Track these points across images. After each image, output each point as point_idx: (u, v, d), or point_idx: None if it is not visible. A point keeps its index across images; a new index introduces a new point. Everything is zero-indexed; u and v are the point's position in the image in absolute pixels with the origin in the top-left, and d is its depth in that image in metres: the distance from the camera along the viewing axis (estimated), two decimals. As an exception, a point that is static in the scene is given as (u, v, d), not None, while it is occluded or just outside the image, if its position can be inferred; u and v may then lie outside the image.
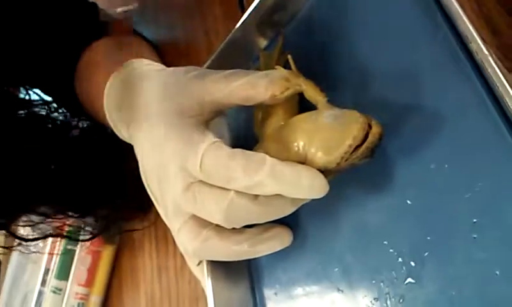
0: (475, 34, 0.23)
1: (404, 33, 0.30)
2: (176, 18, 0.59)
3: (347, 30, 0.34)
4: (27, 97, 0.50)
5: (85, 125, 0.54)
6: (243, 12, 0.42)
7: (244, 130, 0.41)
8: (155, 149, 0.31)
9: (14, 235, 0.46)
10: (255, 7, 0.37)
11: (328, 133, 0.26)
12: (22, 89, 0.51)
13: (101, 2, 0.55)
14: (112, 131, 0.40)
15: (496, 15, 0.28)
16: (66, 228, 0.52)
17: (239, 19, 0.39)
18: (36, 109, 0.49)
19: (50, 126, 0.50)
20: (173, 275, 0.48)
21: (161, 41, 0.60)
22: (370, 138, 0.25)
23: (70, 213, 0.50)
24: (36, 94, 0.52)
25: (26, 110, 0.48)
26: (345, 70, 0.33)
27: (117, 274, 0.57)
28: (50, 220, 0.48)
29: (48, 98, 0.52)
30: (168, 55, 0.57)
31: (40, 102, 0.50)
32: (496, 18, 0.27)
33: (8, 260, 0.66)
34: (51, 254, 0.49)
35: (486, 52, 0.23)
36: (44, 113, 0.50)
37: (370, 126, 0.25)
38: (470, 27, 0.23)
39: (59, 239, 0.51)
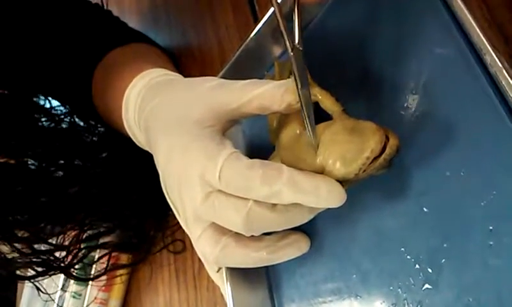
0: (488, 46, 0.24)
1: (417, 41, 0.30)
2: (190, 26, 0.60)
3: (361, 39, 0.34)
4: (47, 105, 0.51)
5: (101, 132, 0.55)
6: (256, 21, 0.43)
7: (259, 139, 0.41)
8: (175, 158, 0.31)
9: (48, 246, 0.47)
10: (269, 16, 0.38)
11: (346, 145, 0.26)
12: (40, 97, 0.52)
13: None
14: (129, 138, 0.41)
15: (507, 23, 0.28)
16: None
17: (252, 27, 0.39)
18: (58, 118, 0.50)
19: (76, 137, 0.51)
20: (191, 281, 0.49)
21: (174, 49, 0.61)
22: (388, 150, 0.25)
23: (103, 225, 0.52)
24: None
25: (49, 118, 0.49)
26: (359, 78, 0.34)
27: (135, 279, 0.58)
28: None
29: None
30: (181, 63, 0.58)
31: (61, 110, 0.51)
32: (508, 27, 0.28)
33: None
34: (73, 260, 0.51)
35: (500, 64, 0.23)
36: (68, 121, 0.51)
37: (387, 138, 0.25)
38: (484, 39, 0.24)
39: (78, 246, 0.52)
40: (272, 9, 0.37)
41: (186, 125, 0.31)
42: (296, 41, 0.28)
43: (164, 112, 0.34)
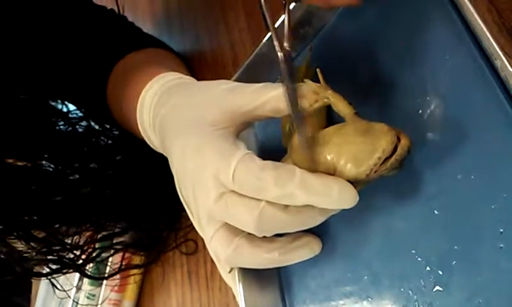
0: (499, 50, 0.24)
1: (428, 46, 0.31)
2: (203, 31, 0.61)
3: (372, 44, 0.35)
4: (64, 109, 0.52)
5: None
6: (267, 27, 0.43)
7: (272, 141, 0.42)
8: (189, 159, 0.32)
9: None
10: (281, 22, 0.38)
11: (358, 146, 0.26)
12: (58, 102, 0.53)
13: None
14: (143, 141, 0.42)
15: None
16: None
17: (265, 32, 0.40)
18: (75, 122, 0.51)
19: (92, 140, 0.52)
20: (204, 282, 0.49)
21: (187, 54, 0.62)
22: (399, 150, 0.26)
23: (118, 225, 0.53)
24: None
25: (65, 122, 0.50)
26: (370, 82, 0.34)
27: (148, 280, 0.59)
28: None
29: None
30: (194, 68, 0.59)
31: (78, 114, 0.52)
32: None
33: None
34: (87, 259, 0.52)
35: (510, 69, 0.23)
36: (84, 125, 0.52)
37: (398, 139, 0.26)
38: (494, 44, 0.24)
39: (92, 246, 0.53)
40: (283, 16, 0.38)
41: (200, 126, 0.32)
42: (285, 43, 0.29)
43: (179, 115, 0.34)
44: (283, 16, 0.38)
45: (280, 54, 0.29)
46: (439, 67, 0.30)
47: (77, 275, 0.61)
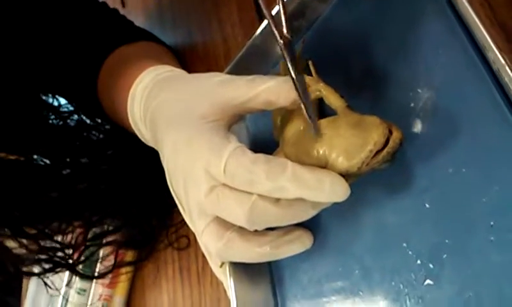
0: (491, 43, 0.24)
1: (420, 39, 0.30)
2: (194, 24, 0.61)
3: (365, 37, 0.34)
4: (55, 103, 0.51)
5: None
6: (261, 19, 0.43)
7: (263, 134, 0.42)
8: (180, 153, 0.32)
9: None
10: (274, 14, 0.38)
11: (349, 139, 0.26)
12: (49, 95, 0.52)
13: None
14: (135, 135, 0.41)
15: (510, 21, 0.28)
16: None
17: (257, 25, 0.40)
18: (66, 116, 0.51)
19: (83, 134, 0.52)
20: (195, 277, 0.49)
21: (179, 47, 0.62)
22: (391, 143, 0.25)
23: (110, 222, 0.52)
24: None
25: (57, 116, 0.49)
26: (363, 75, 0.34)
27: (140, 275, 0.58)
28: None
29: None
30: (186, 62, 0.59)
31: (69, 108, 0.52)
32: (510, 25, 0.28)
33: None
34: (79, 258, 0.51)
35: (502, 61, 0.23)
36: (75, 119, 0.51)
37: (390, 132, 0.26)
38: (487, 36, 0.24)
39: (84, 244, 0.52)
40: (277, 7, 0.38)
41: (192, 119, 0.32)
42: (285, 31, 0.29)
43: (170, 108, 0.34)
44: (277, 7, 0.37)
45: (280, 42, 0.28)
46: (432, 60, 0.29)
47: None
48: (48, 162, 0.49)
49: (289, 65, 0.28)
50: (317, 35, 0.39)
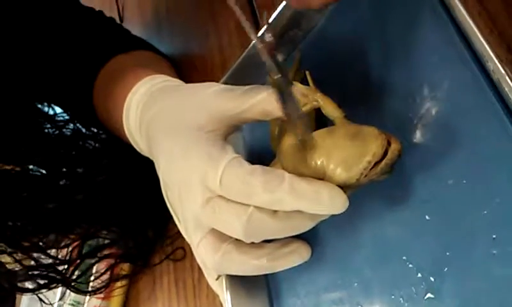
0: (491, 53, 0.24)
1: (419, 49, 0.30)
2: (192, 34, 0.60)
3: (362, 46, 0.34)
4: (51, 112, 0.51)
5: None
6: (258, 28, 0.43)
7: (260, 145, 0.41)
8: (176, 164, 0.31)
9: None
10: (270, 24, 0.38)
11: (347, 150, 0.26)
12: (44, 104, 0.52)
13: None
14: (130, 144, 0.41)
15: (509, 30, 0.28)
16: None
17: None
18: (61, 125, 0.50)
19: (79, 143, 0.51)
20: (191, 290, 0.48)
21: (176, 57, 0.61)
22: (390, 155, 0.25)
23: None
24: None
25: (52, 125, 0.49)
26: (360, 85, 0.34)
27: (135, 286, 0.58)
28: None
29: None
30: (183, 71, 0.58)
31: (64, 117, 0.51)
32: (509, 34, 0.28)
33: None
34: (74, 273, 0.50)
35: (502, 71, 0.23)
36: (71, 128, 0.51)
37: (389, 143, 0.25)
38: (486, 46, 0.24)
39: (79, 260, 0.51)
40: (274, 15, 0.37)
41: (188, 130, 0.31)
42: (266, 34, 0.27)
43: (166, 118, 0.34)
44: (274, 14, 0.37)
45: (259, 46, 0.27)
46: (430, 70, 0.29)
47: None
48: (44, 172, 0.48)
49: (268, 67, 0.27)
50: (313, 45, 0.38)
